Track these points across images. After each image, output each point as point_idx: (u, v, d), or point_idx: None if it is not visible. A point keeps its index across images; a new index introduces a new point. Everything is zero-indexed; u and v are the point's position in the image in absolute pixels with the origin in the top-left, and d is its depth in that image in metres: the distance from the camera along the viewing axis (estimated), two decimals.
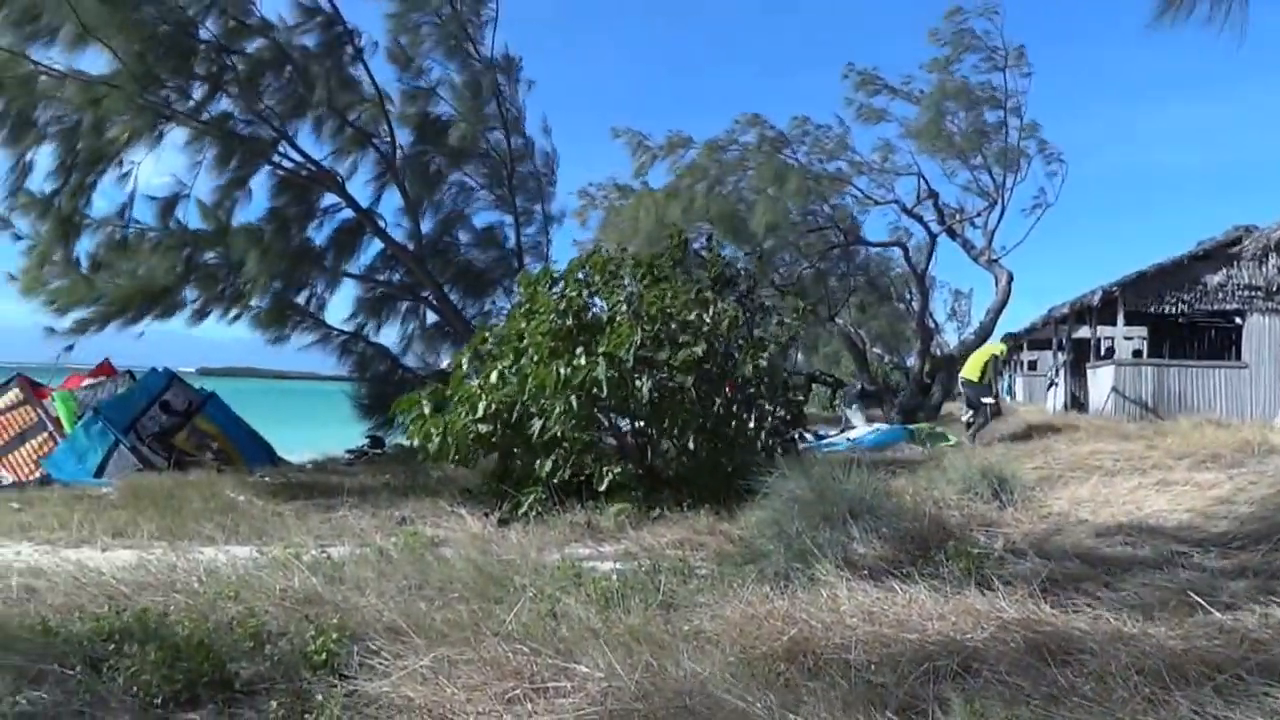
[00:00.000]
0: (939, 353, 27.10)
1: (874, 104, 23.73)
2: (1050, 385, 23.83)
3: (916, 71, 23.32)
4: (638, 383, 8.61)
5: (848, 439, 16.79)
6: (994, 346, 16.42)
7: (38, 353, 14.13)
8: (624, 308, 9.27)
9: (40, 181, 13.22)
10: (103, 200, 13.87)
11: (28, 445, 12.50)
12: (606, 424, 9.24)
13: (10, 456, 12.37)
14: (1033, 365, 32.89)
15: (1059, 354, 24.22)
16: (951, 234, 24.49)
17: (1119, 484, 8.65)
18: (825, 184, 23.50)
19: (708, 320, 9.20)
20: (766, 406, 9.54)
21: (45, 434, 12.65)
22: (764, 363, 9.45)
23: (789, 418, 10.11)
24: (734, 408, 9.26)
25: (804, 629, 4.00)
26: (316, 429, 19.73)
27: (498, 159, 16.93)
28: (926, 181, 24.22)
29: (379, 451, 16.02)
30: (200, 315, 14.49)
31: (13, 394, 13.05)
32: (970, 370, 15.37)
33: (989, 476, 7.90)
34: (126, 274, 13.50)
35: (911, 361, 29.48)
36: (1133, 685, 3.35)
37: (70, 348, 13.66)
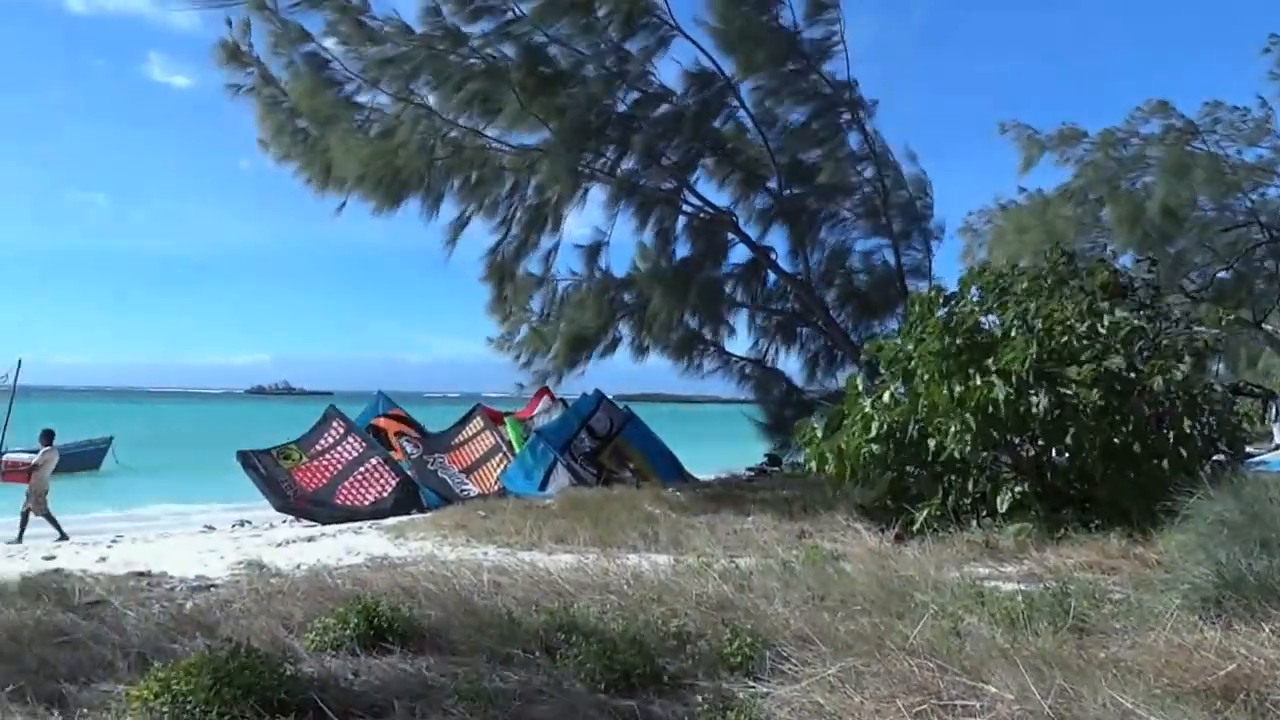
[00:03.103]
0: None
1: None
2: None
3: None
4: (1034, 399, 8.21)
5: None
6: None
7: (482, 384, 17.34)
8: (1017, 323, 8.91)
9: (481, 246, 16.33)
10: (542, 258, 16.70)
11: (489, 464, 15.15)
12: (1002, 442, 8.88)
13: (477, 473, 15.04)
14: None
15: None
16: None
17: None
18: (1244, 175, 20.16)
19: (1102, 331, 8.52)
20: (1187, 423, 8.49)
21: (501, 454, 15.26)
22: (1178, 375, 8.47)
23: (1218, 436, 8.95)
24: (1146, 424, 8.41)
25: (1244, 665, 3.64)
26: (718, 447, 21.09)
27: (872, 187, 17.15)
28: None
29: (776, 469, 16.73)
30: (612, 348, 16.68)
31: (476, 423, 15.89)
32: None
33: None
34: (568, 319, 16.19)
35: None
36: None
37: (522, 385, 16.84)
